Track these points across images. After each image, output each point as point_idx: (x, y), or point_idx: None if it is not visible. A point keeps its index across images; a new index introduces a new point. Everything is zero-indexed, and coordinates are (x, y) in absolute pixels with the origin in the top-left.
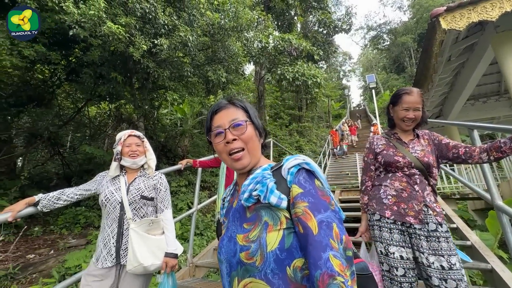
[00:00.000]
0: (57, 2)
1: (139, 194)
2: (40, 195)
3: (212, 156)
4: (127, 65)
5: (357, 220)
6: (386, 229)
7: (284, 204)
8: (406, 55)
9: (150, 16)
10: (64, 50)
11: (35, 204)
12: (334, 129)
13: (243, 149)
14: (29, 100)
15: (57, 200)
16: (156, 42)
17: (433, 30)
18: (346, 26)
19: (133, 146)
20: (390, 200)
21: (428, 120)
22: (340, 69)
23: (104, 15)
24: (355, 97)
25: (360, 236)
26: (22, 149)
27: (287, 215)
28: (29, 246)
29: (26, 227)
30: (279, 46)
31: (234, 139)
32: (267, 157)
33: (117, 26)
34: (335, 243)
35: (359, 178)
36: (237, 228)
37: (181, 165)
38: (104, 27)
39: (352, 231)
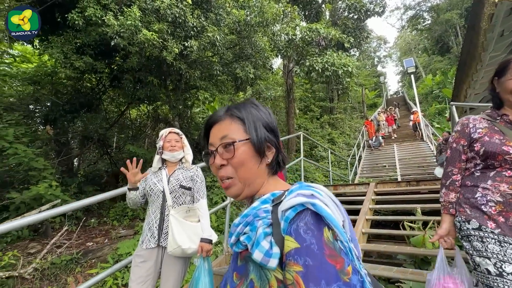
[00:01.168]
0: (99, 16)
1: (178, 184)
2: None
3: None
4: (161, 68)
5: (396, 213)
6: (494, 241)
7: (273, 263)
8: (451, 33)
9: (180, 20)
10: (107, 59)
11: (135, 189)
12: (369, 120)
13: (232, 177)
14: (81, 106)
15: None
16: (186, 44)
17: (479, 4)
18: (379, 9)
19: (172, 141)
20: (494, 208)
21: (476, 104)
22: (374, 55)
23: (139, 24)
24: (392, 84)
25: (438, 241)
26: (77, 150)
27: (281, 276)
28: (87, 235)
29: (84, 218)
30: (306, 37)
31: (223, 165)
32: (297, 151)
33: (151, 32)
34: None
35: (398, 171)
36: (230, 275)
37: None
38: (140, 35)
39: (388, 225)
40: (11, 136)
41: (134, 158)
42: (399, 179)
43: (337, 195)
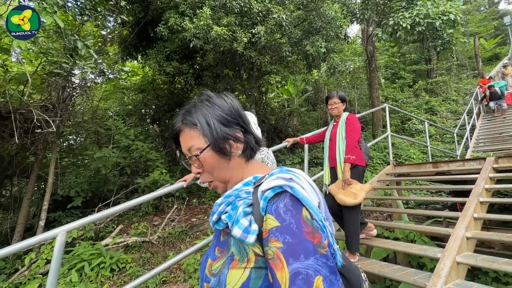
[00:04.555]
0: (179, 23)
1: None
2: None
3: (318, 131)
4: (234, 60)
5: None
6: None
7: (251, 239)
8: None
9: (246, 9)
10: (190, 61)
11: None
12: (487, 77)
13: (212, 180)
14: (175, 105)
15: None
16: (254, 31)
17: None
18: None
19: None
20: None
21: None
22: None
23: (211, 22)
24: None
25: None
26: None
27: (259, 251)
28: (191, 212)
29: (187, 198)
30: None
31: (199, 172)
32: (385, 126)
33: (221, 27)
34: None
35: None
36: (212, 249)
37: (287, 142)
38: (212, 32)
39: None
40: (133, 135)
41: None
42: None
43: (438, 173)
